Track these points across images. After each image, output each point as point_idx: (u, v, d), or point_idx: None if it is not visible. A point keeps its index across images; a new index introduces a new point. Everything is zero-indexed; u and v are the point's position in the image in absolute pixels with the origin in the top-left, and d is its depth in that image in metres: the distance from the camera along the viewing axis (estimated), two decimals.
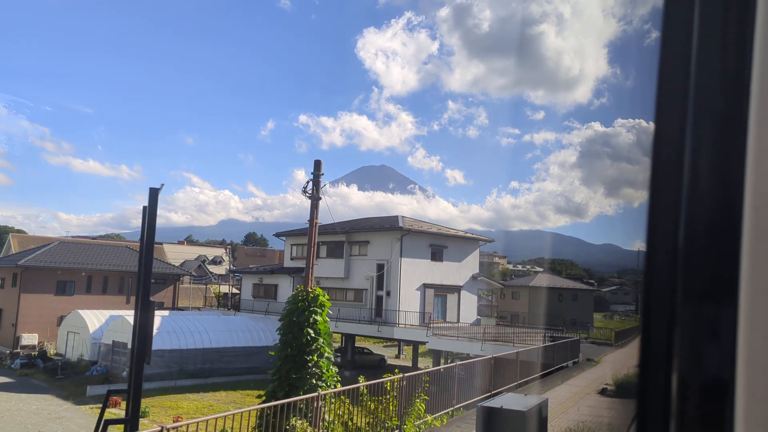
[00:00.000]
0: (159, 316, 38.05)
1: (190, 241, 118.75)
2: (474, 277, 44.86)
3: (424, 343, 35.87)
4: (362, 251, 42.14)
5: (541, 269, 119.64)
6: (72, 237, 67.58)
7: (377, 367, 44.71)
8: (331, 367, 16.72)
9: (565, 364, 28.03)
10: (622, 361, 30.27)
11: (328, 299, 17.05)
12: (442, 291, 42.60)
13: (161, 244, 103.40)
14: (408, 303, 39.68)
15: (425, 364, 38.50)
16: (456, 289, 43.53)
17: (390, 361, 50.36)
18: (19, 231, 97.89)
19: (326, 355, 16.55)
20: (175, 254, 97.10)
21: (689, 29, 1.12)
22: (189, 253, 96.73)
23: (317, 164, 16.81)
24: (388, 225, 41.28)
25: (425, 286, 41.32)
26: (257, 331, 40.14)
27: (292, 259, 46.54)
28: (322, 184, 17.49)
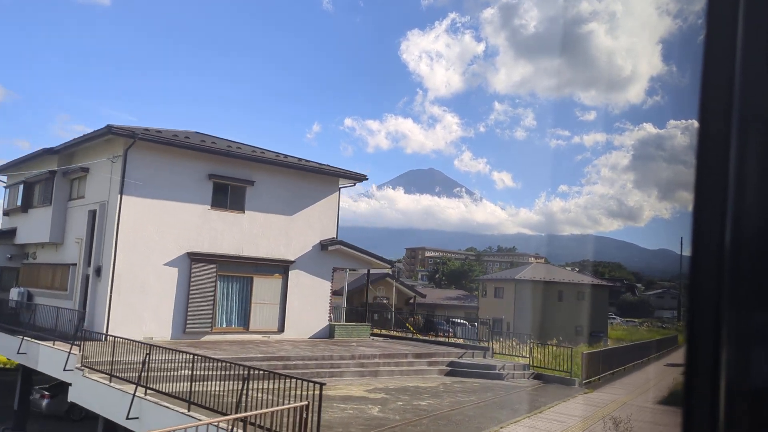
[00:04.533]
0: None
1: None
2: (323, 246, 23.64)
3: (69, 385, 15.03)
4: (81, 191, 21.61)
5: (577, 269, 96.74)
6: None
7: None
8: None
9: None
10: None
11: None
12: (243, 270, 21.65)
13: None
14: (141, 290, 18.95)
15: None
16: (279, 267, 22.47)
17: None
18: None
19: None
20: None
21: (734, 27, 1.07)
22: None
23: None
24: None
25: (192, 257, 20.42)
26: None
27: (6, 213, 26.22)
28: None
